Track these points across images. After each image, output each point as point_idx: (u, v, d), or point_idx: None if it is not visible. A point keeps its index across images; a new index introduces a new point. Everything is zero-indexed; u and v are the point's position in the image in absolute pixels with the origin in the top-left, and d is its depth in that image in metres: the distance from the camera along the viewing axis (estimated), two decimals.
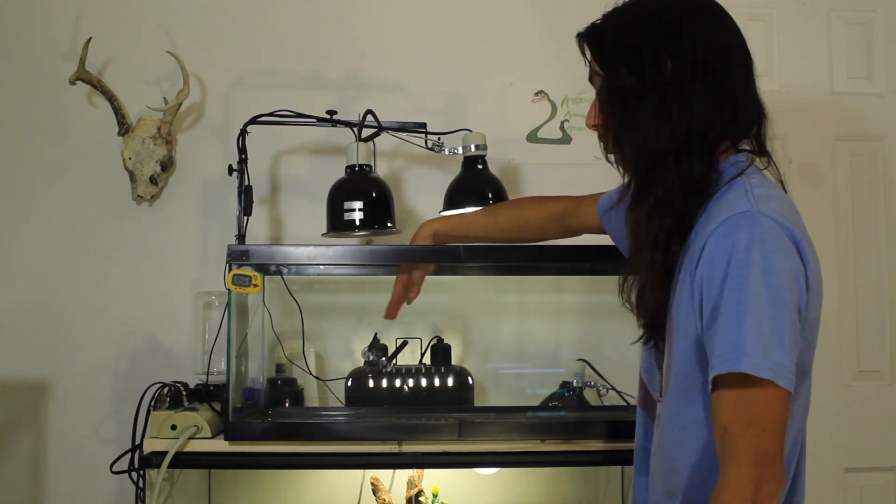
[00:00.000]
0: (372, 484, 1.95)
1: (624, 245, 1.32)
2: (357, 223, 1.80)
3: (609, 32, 1.18)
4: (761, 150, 1.16)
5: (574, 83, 2.13)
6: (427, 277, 2.09)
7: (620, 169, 1.19)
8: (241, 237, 1.87)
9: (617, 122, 1.16)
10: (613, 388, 1.96)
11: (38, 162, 2.14)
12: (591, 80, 1.22)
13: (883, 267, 2.25)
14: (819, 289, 1.08)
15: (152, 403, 1.82)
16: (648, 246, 1.14)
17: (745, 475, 0.96)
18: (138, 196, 2.09)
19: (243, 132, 1.89)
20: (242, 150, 1.89)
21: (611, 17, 1.19)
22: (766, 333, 0.97)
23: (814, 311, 1.08)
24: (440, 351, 1.97)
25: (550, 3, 2.22)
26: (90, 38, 2.06)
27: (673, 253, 1.11)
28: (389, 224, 1.84)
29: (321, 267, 1.80)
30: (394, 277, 1.70)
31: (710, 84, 1.10)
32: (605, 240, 1.51)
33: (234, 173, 1.90)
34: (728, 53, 1.13)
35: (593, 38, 1.19)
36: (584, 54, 1.21)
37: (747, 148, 1.16)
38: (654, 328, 1.17)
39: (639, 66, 1.13)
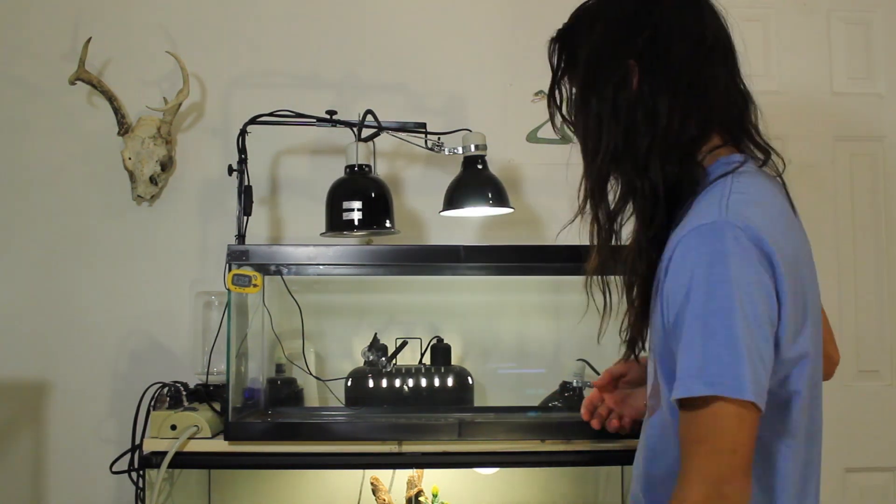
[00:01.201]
0: (372, 484, 1.95)
1: None
2: (356, 223, 1.80)
3: (574, 36, 1.16)
4: (755, 146, 1.12)
5: None
6: (427, 277, 2.09)
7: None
8: (241, 237, 1.87)
9: (580, 128, 1.15)
10: None
11: (38, 162, 2.14)
12: (559, 82, 1.19)
13: (883, 267, 2.25)
14: (800, 303, 1.01)
15: (152, 403, 1.82)
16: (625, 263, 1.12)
17: (694, 493, 0.93)
18: (138, 196, 2.09)
19: (243, 132, 1.90)
20: (242, 150, 1.89)
21: (578, 21, 1.17)
22: (718, 348, 0.93)
23: (793, 327, 1.00)
24: (440, 351, 1.97)
25: (550, 3, 2.21)
26: (90, 38, 2.06)
27: (641, 267, 1.10)
28: (388, 224, 1.84)
29: (321, 267, 1.81)
30: (393, 277, 1.70)
31: (675, 89, 1.06)
32: None
33: (234, 173, 1.90)
34: (698, 50, 1.08)
35: (560, 41, 1.18)
36: (552, 60, 1.19)
37: (747, 146, 1.12)
38: (629, 341, 1.17)
39: (598, 71, 1.11)
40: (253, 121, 1.90)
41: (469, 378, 1.93)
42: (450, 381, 1.90)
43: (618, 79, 1.08)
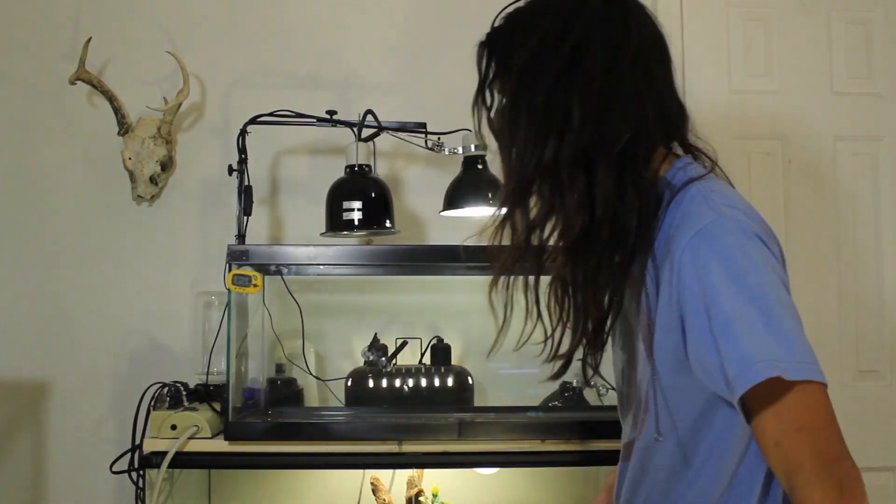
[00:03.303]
0: (372, 484, 1.95)
1: None
2: (356, 223, 1.80)
3: (504, 41, 1.12)
4: (688, 148, 1.10)
5: None
6: (427, 277, 2.09)
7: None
8: (241, 237, 1.87)
9: (507, 135, 1.11)
10: (613, 388, 1.96)
11: (38, 162, 2.14)
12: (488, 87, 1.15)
13: (883, 267, 2.25)
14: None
15: (152, 403, 1.82)
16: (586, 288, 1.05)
17: (818, 484, 0.86)
18: (138, 196, 2.09)
19: (243, 132, 1.90)
20: (242, 150, 1.89)
21: (508, 26, 1.13)
22: (777, 333, 0.88)
23: None
24: (440, 351, 1.97)
25: None
26: (90, 38, 2.06)
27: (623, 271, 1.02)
28: (388, 224, 1.84)
29: (321, 267, 1.81)
30: (393, 277, 1.70)
31: (597, 98, 1.02)
32: None
33: (234, 173, 1.90)
34: (623, 59, 1.04)
35: (490, 46, 1.14)
36: (480, 64, 1.15)
37: (679, 152, 1.10)
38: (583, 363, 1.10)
39: (527, 81, 1.06)
40: (253, 121, 1.90)
41: (469, 378, 1.93)
42: (450, 381, 1.90)
43: (546, 89, 1.05)
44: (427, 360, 1.99)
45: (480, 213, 1.96)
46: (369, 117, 1.86)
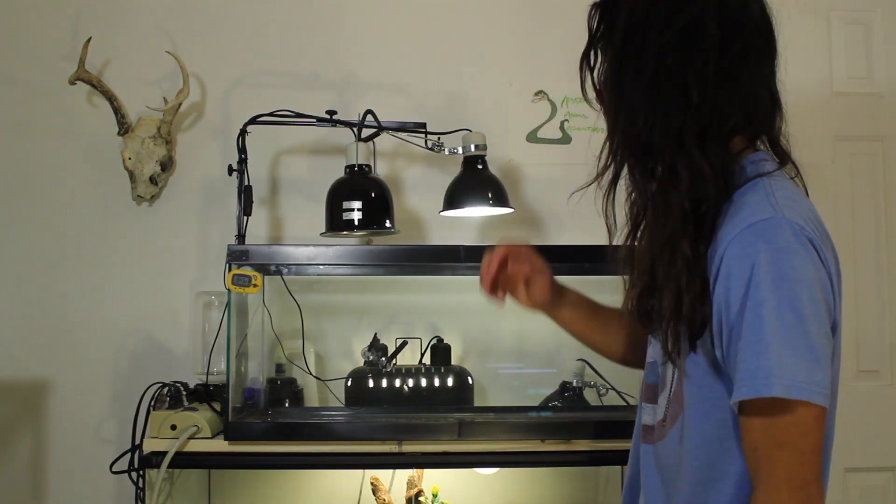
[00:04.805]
0: (372, 484, 1.95)
1: None
2: (356, 223, 1.80)
3: (616, 3, 1.08)
4: (775, 149, 1.10)
5: (574, 83, 2.13)
6: (427, 277, 2.09)
7: (616, 152, 1.08)
8: (240, 237, 1.87)
9: (613, 98, 1.09)
10: (613, 388, 1.96)
11: (38, 162, 2.14)
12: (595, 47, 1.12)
13: (882, 267, 2.25)
14: (840, 299, 1.00)
15: (152, 403, 1.82)
16: (667, 246, 1.00)
17: (784, 499, 0.90)
18: (138, 196, 2.09)
19: (243, 132, 1.90)
20: (242, 150, 1.89)
21: None
22: (795, 349, 0.89)
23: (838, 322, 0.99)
24: (440, 351, 1.97)
25: (551, 3, 2.22)
26: (90, 38, 2.06)
27: (698, 250, 0.99)
28: (388, 224, 1.84)
29: (321, 267, 1.81)
30: (393, 277, 1.70)
31: (708, 75, 1.02)
32: (603, 239, 1.49)
33: (234, 173, 1.90)
34: (735, 41, 1.05)
35: (602, 7, 1.11)
36: (591, 23, 1.12)
37: (762, 148, 1.10)
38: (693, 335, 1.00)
39: (637, 44, 1.04)
40: (253, 121, 1.90)
41: (469, 378, 1.93)
42: (450, 381, 1.90)
43: (655, 55, 1.03)
44: (427, 360, 1.99)
45: (480, 213, 1.97)
46: (369, 117, 1.86)
